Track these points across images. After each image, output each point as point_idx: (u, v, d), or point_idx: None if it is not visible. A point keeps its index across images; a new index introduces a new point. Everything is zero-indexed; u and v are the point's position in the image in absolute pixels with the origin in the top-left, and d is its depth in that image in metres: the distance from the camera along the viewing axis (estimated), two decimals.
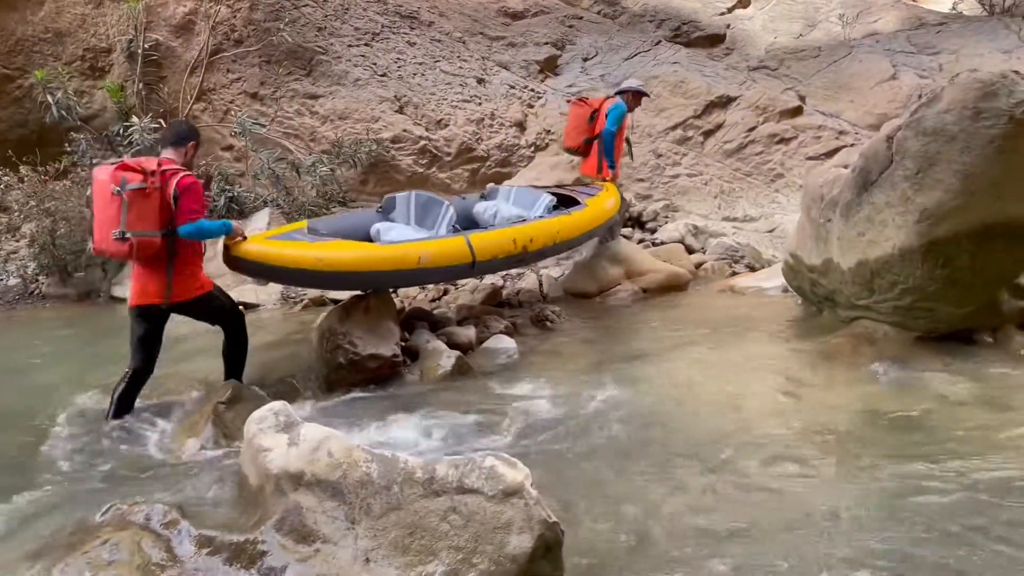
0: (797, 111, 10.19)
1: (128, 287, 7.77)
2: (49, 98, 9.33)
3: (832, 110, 10.39)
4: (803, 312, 5.65)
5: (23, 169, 8.24)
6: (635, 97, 7.21)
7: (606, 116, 6.95)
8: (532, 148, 10.20)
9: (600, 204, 6.76)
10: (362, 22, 10.80)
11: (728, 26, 12.26)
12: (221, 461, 3.42)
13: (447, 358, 4.60)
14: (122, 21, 10.03)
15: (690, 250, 8.64)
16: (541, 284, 7.10)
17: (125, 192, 3.79)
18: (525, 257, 5.62)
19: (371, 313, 4.75)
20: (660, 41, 11.76)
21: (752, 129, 10.12)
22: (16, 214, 8.29)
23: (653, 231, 9.01)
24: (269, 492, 2.57)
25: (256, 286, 7.19)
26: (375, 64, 10.50)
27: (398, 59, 10.63)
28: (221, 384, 4.17)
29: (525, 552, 2.24)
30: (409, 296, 6.88)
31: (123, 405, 4.06)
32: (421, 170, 10.05)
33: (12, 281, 8.53)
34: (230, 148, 10.08)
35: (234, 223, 4.32)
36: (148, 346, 4.11)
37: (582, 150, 7.44)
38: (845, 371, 4.27)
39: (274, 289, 7.20)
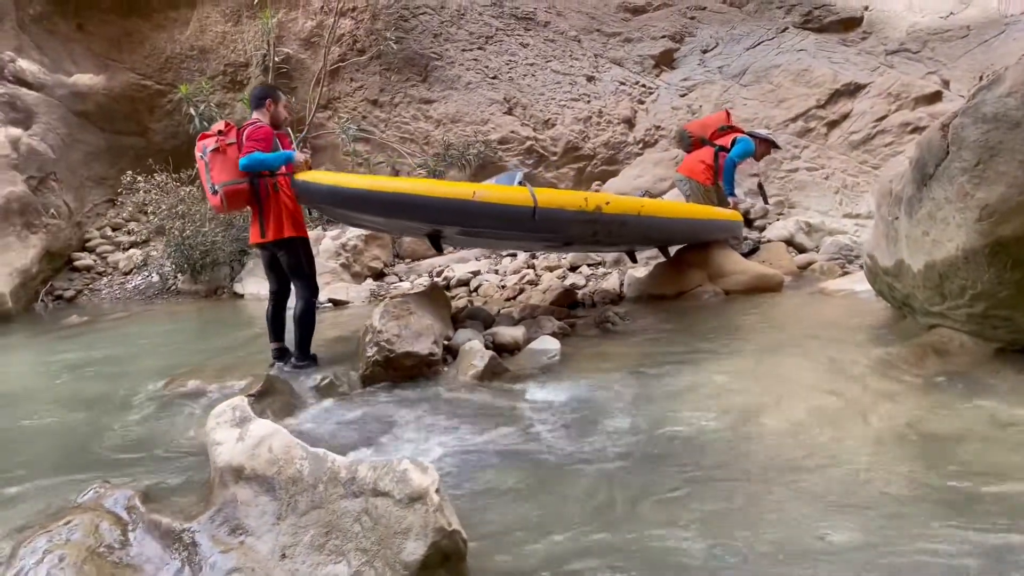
0: (935, 97, 9.28)
1: (245, 284, 8.46)
2: (193, 111, 10.23)
3: None
4: (888, 317, 5.16)
5: (157, 177, 9.10)
6: (763, 144, 7.10)
7: (733, 141, 6.84)
8: (640, 145, 9.98)
9: (709, 208, 6.58)
10: (477, 26, 11.01)
11: (867, 8, 11.35)
12: None
13: (480, 359, 4.61)
14: (257, 37, 10.82)
15: (801, 249, 8.15)
16: (622, 284, 6.94)
17: (207, 155, 4.54)
18: (599, 219, 5.39)
19: (414, 311, 4.86)
20: (787, 28, 11.11)
21: (882, 118, 9.34)
22: (152, 217, 9.16)
23: (762, 229, 8.55)
24: (216, 484, 2.71)
25: (348, 284, 7.54)
26: (487, 67, 10.67)
27: (510, 61, 10.74)
28: (265, 378, 4.37)
29: (417, 559, 2.22)
30: (487, 295, 6.95)
31: (275, 325, 4.93)
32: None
33: (155, 278, 9.46)
34: (353, 153, 10.61)
35: (297, 154, 4.65)
36: (277, 272, 4.92)
37: (694, 144, 7.34)
38: (899, 385, 3.87)
39: (364, 288, 7.50)
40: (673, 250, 6.74)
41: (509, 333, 5.18)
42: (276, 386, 4.29)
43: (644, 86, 10.52)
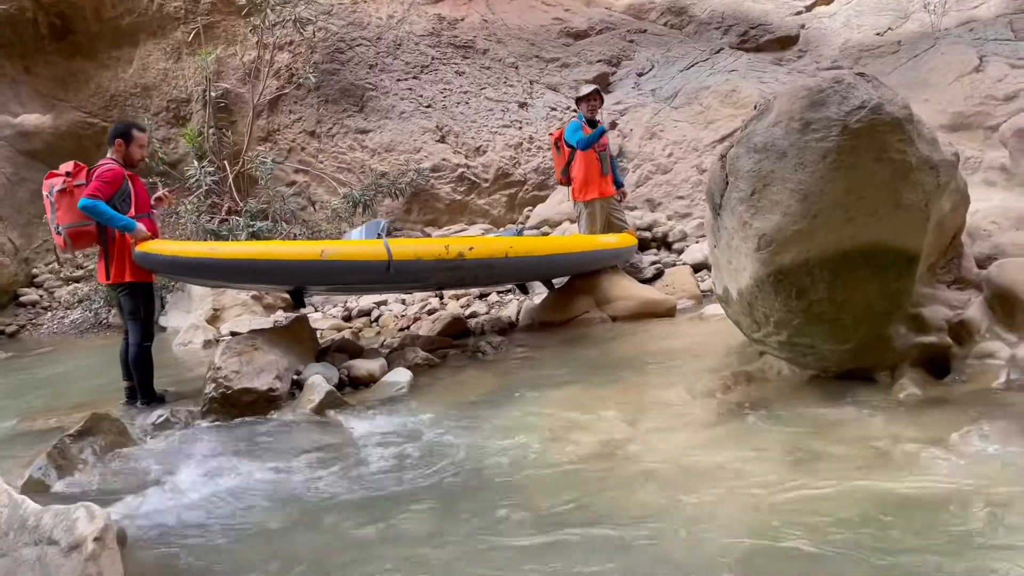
0: None
1: (169, 318, 8.57)
2: None
3: None
4: (742, 343, 5.15)
5: None
6: (586, 101, 6.97)
7: (567, 144, 6.83)
8: (558, 182, 10.03)
9: (591, 238, 6.63)
10: (412, 56, 11.15)
11: (803, 26, 11.38)
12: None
13: (318, 392, 4.64)
14: (197, 73, 11.00)
15: None
16: (519, 312, 6.97)
17: (53, 195, 4.61)
18: (463, 265, 5.57)
19: (260, 347, 4.91)
20: (721, 49, 11.15)
21: None
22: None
23: (680, 252, 8.53)
24: None
25: (255, 316, 7.61)
26: (421, 96, 10.79)
27: (444, 89, 10.85)
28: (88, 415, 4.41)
29: None
30: (384, 324, 7.00)
31: (126, 365, 4.91)
32: (460, 197, 10.18)
33: (89, 313, 9.60)
34: (293, 184, 10.74)
35: (139, 227, 4.63)
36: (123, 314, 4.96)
37: (565, 181, 7.34)
38: (693, 416, 3.88)
39: (269, 320, 7.57)
40: (559, 282, 6.76)
41: (364, 366, 5.22)
42: (103, 425, 4.32)
43: (575, 111, 10.56)
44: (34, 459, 3.99)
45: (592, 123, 6.92)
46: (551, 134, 7.50)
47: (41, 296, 10.66)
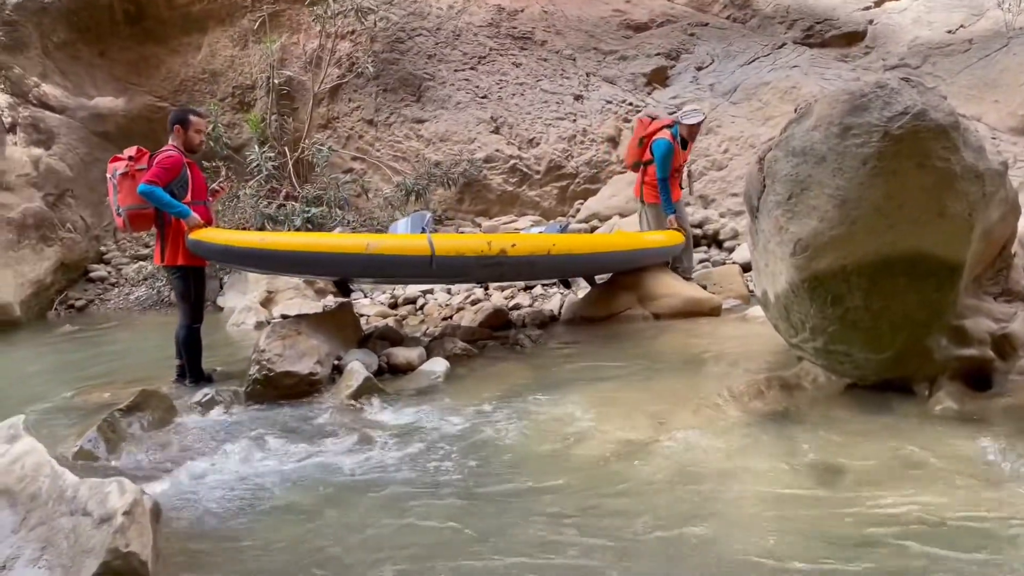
0: None
1: (227, 298, 8.84)
2: None
3: (973, 112, 9.00)
4: (781, 347, 5.08)
5: None
6: (686, 128, 6.82)
7: (652, 152, 6.71)
8: (623, 164, 9.97)
9: (635, 236, 6.64)
10: (471, 47, 11.21)
11: (871, 22, 11.03)
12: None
13: (356, 379, 4.75)
14: (262, 60, 11.26)
15: None
16: (561, 305, 6.99)
17: (116, 178, 4.83)
18: (504, 262, 5.61)
19: (303, 331, 5.05)
20: (783, 44, 10.91)
21: None
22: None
23: (731, 250, 8.43)
24: None
25: (306, 300, 7.80)
26: (477, 87, 10.85)
27: (500, 80, 10.89)
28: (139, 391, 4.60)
29: None
30: (428, 313, 7.11)
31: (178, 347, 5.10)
32: (511, 188, 10.22)
33: (153, 290, 9.99)
34: (350, 171, 10.94)
35: (192, 215, 4.77)
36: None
37: (634, 169, 7.31)
38: (719, 421, 3.85)
39: (319, 304, 7.74)
40: (602, 278, 6.75)
41: (403, 354, 5.32)
42: (152, 401, 4.50)
43: (631, 104, 10.50)
44: (86, 431, 4.19)
45: (684, 143, 6.83)
46: (640, 120, 7.19)
47: (109, 272, 11.08)
